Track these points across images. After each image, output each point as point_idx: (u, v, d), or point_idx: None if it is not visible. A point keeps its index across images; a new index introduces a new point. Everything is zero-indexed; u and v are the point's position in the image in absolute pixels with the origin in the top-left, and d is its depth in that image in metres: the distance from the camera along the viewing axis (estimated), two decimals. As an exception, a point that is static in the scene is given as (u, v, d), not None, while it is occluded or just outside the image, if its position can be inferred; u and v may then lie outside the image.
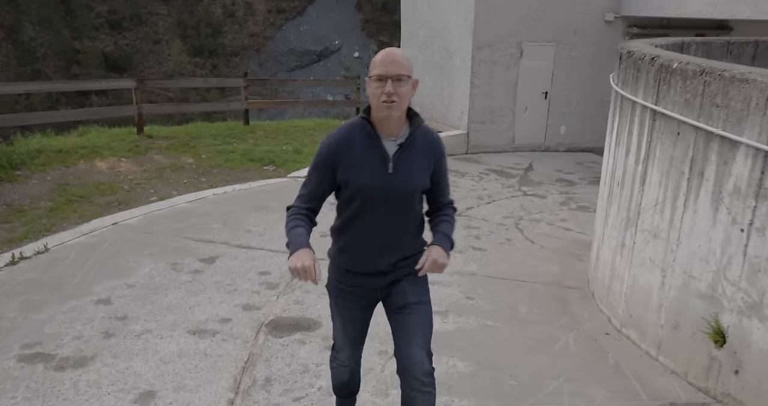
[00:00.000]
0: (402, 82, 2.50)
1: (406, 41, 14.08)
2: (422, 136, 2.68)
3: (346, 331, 2.93)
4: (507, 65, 12.00)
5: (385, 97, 2.46)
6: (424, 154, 2.67)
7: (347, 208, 2.73)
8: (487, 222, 8.30)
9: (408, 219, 2.73)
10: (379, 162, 2.58)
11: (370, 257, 2.74)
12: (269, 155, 10.85)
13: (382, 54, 2.54)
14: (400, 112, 2.54)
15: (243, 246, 6.73)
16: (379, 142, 2.60)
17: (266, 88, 36.72)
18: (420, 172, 2.66)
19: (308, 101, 16.60)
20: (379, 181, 2.58)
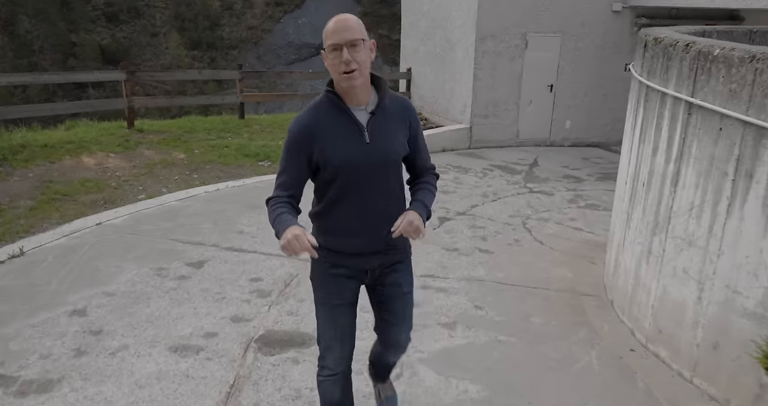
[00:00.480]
0: (357, 48, 2.34)
1: (407, 32, 13.52)
2: (391, 102, 2.57)
3: (335, 321, 2.72)
4: (511, 57, 11.46)
5: (344, 66, 2.32)
6: (397, 120, 2.56)
7: (330, 187, 2.56)
8: (493, 221, 7.79)
9: (394, 188, 2.61)
10: (354, 134, 2.46)
11: (363, 233, 2.59)
12: (264, 150, 10.32)
13: (332, 22, 2.37)
14: (363, 78, 2.40)
15: (234, 249, 6.21)
16: (349, 114, 2.47)
17: (264, 81, 36.12)
18: (397, 138, 2.55)
19: (306, 94, 16.00)
20: (359, 152, 2.45)
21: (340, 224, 2.60)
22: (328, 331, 2.72)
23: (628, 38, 12.15)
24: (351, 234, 2.58)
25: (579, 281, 5.94)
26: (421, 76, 13.02)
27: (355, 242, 2.59)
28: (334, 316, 2.71)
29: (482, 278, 5.80)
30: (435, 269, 5.97)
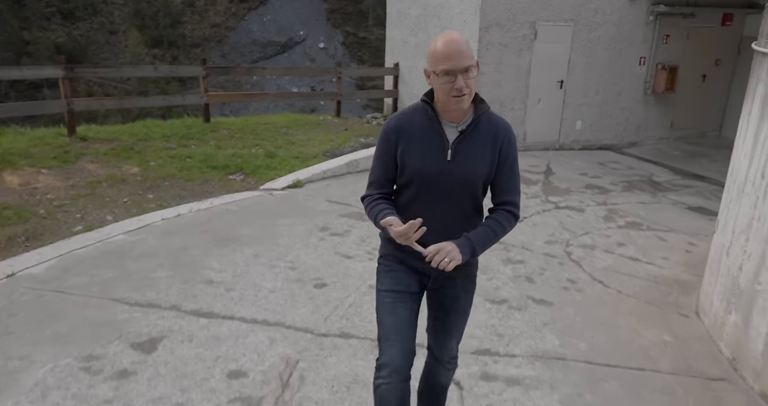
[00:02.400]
0: (470, 73, 2.26)
1: (394, 22, 11.64)
2: (487, 123, 2.41)
3: (396, 309, 2.49)
4: (519, 49, 9.67)
5: (456, 92, 2.25)
6: (488, 142, 2.40)
7: (404, 192, 2.49)
8: (530, 251, 6.00)
9: (465, 210, 2.47)
10: (437, 148, 2.38)
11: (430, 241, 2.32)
12: (235, 161, 8.33)
13: (443, 44, 2.24)
14: (469, 102, 2.33)
15: (202, 313, 4.27)
16: (439, 128, 2.38)
17: (229, 80, 33.79)
18: (481, 161, 2.39)
19: (280, 93, 13.98)
20: (436, 168, 2.37)
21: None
22: (389, 321, 2.50)
23: (642, 28, 10.49)
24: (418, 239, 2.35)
25: (688, 350, 4.19)
26: (412, 72, 11.16)
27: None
28: (396, 303, 2.50)
29: (561, 354, 3.99)
30: (489, 340, 4.13)
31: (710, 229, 7.46)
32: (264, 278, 4.97)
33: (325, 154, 9.06)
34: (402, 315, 2.49)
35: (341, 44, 40.71)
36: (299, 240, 5.89)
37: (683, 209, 7.98)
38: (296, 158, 8.74)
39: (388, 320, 2.50)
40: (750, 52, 4.40)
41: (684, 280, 5.62)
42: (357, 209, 7.01)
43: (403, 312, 2.49)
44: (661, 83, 10.84)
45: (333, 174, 8.32)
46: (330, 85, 34.72)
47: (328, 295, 4.72)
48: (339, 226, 6.40)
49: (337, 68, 11.29)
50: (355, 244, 5.93)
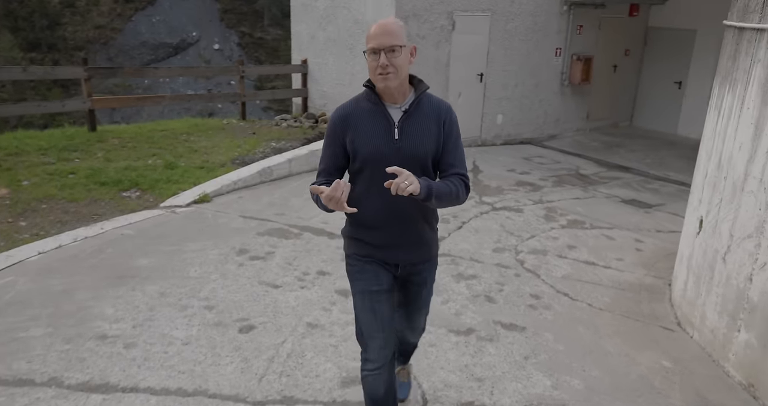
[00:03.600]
0: (396, 53, 2.30)
1: (299, 16, 10.63)
2: (428, 102, 2.46)
3: (373, 308, 2.52)
4: (437, 41, 8.96)
5: (380, 69, 2.29)
6: (431, 120, 2.43)
7: (358, 179, 2.47)
8: (480, 263, 5.26)
9: None
10: (384, 129, 2.40)
11: (388, 226, 2.48)
12: (129, 175, 7.09)
13: (374, 26, 2.33)
14: (397, 81, 2.34)
15: (93, 386, 3.18)
16: (384, 110, 2.41)
17: (118, 85, 31.32)
18: (427, 138, 2.42)
19: (177, 95, 12.57)
20: (386, 147, 2.39)
21: (367, 216, 2.48)
22: (369, 320, 2.53)
23: (557, 19, 10.08)
24: (377, 227, 2.49)
25: (693, 376, 3.56)
26: (322, 69, 10.21)
27: (382, 235, 2.50)
28: (373, 303, 2.53)
29: (560, 400, 3.24)
30: (469, 388, 3.32)
31: (650, 223, 7.11)
32: (174, 324, 3.91)
33: (233, 163, 7.96)
34: (380, 313, 2.53)
35: (237, 45, 38.87)
36: (214, 269, 4.84)
37: (618, 203, 7.55)
38: (201, 168, 7.59)
39: (369, 319, 2.54)
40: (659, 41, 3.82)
41: (648, 284, 5.07)
42: (277, 223, 6.02)
43: (380, 310, 2.53)
44: (577, 74, 10.50)
45: (245, 184, 7.26)
46: (227, 87, 32.96)
47: (259, 342, 3.74)
48: (259, 247, 5.40)
49: (240, 67, 10.12)
50: (282, 268, 4.96)
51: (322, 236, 5.78)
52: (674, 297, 4.52)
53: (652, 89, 11.67)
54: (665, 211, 7.32)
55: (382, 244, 2.51)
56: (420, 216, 2.50)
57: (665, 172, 9.05)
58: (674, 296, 4.52)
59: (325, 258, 5.25)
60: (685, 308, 4.16)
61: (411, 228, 2.51)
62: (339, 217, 6.48)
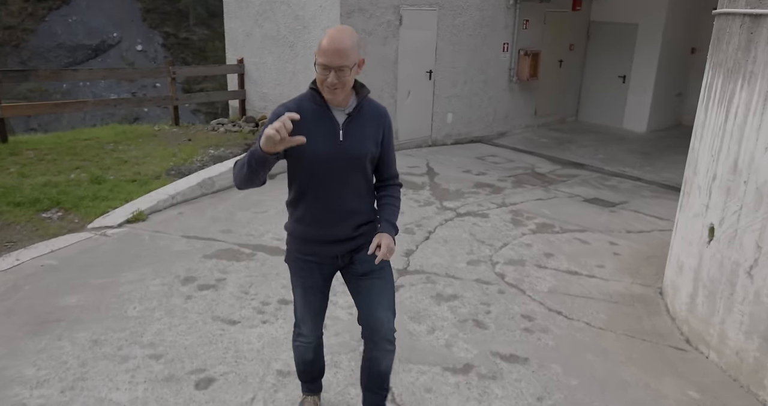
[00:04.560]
0: (344, 72, 2.32)
1: (232, 12, 9.79)
2: (369, 107, 2.53)
3: (307, 299, 2.72)
4: (384, 36, 8.38)
5: (328, 85, 2.34)
6: (372, 124, 2.52)
7: (300, 177, 2.51)
8: (458, 280, 4.73)
9: (360, 185, 2.56)
10: (329, 130, 2.45)
11: (330, 224, 2.55)
12: (49, 192, 6.17)
13: (326, 40, 2.30)
14: (343, 94, 2.40)
15: None
16: (328, 112, 2.46)
17: (33, 90, 29.17)
18: (369, 140, 2.51)
19: (101, 100, 11.44)
20: (331, 148, 2.43)
21: (308, 213, 2.55)
22: (303, 307, 2.76)
23: (504, 13, 9.70)
24: (318, 224, 2.55)
25: None
26: (260, 69, 9.43)
27: (321, 232, 2.56)
28: (307, 296, 2.71)
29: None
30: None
31: (618, 223, 6.73)
32: (114, 383, 3.16)
33: (169, 174, 7.13)
34: (313, 304, 2.73)
35: (161, 46, 36.99)
36: (157, 304, 4.09)
37: (581, 203, 7.19)
38: (133, 182, 6.73)
39: (303, 309, 2.76)
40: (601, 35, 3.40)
41: (639, 294, 4.66)
42: (226, 243, 5.30)
43: (313, 302, 2.72)
44: (525, 70, 10.16)
45: (184, 198, 6.46)
46: (152, 90, 31.30)
47: (222, 401, 3.05)
48: (208, 273, 4.67)
49: (170, 68, 9.21)
50: (237, 299, 4.26)
51: (278, 256, 5.10)
52: (675, 310, 4.11)
53: (596, 84, 11.49)
54: (629, 209, 7.02)
55: (320, 240, 2.58)
56: (358, 212, 2.58)
57: (620, 168, 8.80)
58: (675, 310, 4.11)
59: (285, 283, 4.57)
60: (695, 325, 3.75)
61: (349, 223, 2.57)
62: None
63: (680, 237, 4.18)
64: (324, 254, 2.61)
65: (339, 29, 2.35)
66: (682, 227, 4.16)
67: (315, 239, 2.57)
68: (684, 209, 4.20)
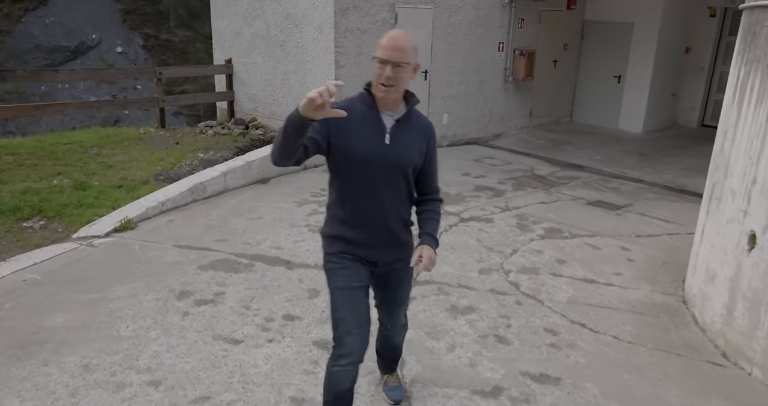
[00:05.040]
0: (401, 69, 2.35)
1: (220, 11, 9.43)
2: (416, 118, 2.56)
3: (354, 305, 2.51)
4: (379, 36, 8.07)
5: (384, 80, 2.35)
6: (418, 134, 2.53)
7: (341, 176, 2.49)
8: (472, 290, 4.46)
9: (402, 192, 2.54)
10: (376, 132, 2.44)
11: (370, 226, 2.52)
12: (30, 200, 5.79)
13: (387, 37, 2.38)
14: (396, 94, 2.42)
15: None
16: (378, 115, 2.47)
17: (10, 92, 28.41)
18: (414, 149, 2.51)
19: (84, 102, 10.92)
20: (376, 149, 2.42)
21: (350, 215, 2.52)
22: (349, 317, 2.52)
23: (499, 12, 9.46)
24: (359, 226, 2.52)
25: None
26: (249, 69, 9.08)
27: (362, 234, 2.53)
28: (354, 299, 2.53)
29: None
30: None
31: (626, 227, 6.45)
32: (108, 416, 2.83)
33: (157, 179, 6.77)
34: (358, 310, 2.53)
35: (142, 48, 36.18)
36: (152, 322, 3.76)
37: (585, 206, 6.96)
38: (119, 188, 6.37)
39: (349, 316, 2.53)
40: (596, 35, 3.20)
41: (662, 304, 4.42)
42: (221, 253, 4.97)
43: (359, 307, 2.53)
44: (521, 70, 9.92)
45: (174, 205, 6.11)
46: (133, 92, 30.65)
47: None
48: (205, 286, 4.35)
49: (156, 68, 8.82)
50: (238, 315, 3.94)
51: (278, 266, 4.79)
52: (706, 322, 3.87)
53: (591, 84, 11.30)
54: (635, 212, 6.80)
55: (363, 242, 2.55)
56: (398, 218, 2.56)
57: (620, 170, 8.60)
58: (706, 321, 3.87)
59: (289, 296, 4.26)
60: (733, 338, 3.50)
61: (389, 228, 2.55)
62: (291, 241, 5.52)
63: (709, 244, 3.93)
64: (363, 256, 2.58)
65: (400, 30, 2.43)
66: (712, 233, 3.92)
67: (355, 241, 2.55)
68: (713, 215, 3.96)
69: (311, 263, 4.91)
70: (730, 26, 10.84)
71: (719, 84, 11.24)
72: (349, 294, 2.54)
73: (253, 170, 7.06)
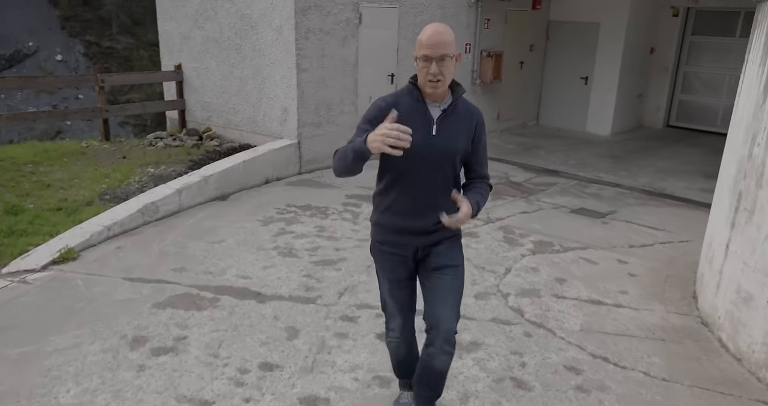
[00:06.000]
0: (446, 62, 2.35)
1: (167, 12, 8.65)
2: (463, 106, 2.56)
3: (394, 294, 2.72)
4: (343, 36, 7.49)
5: (431, 76, 2.37)
6: (465, 122, 2.55)
7: (390, 168, 2.52)
8: (472, 321, 3.97)
9: (447, 180, 2.56)
10: (424, 124, 2.47)
11: (414, 216, 2.56)
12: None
13: (427, 33, 2.37)
14: (444, 87, 2.44)
15: None
16: (424, 107, 2.49)
17: (-60, 104, 26.49)
18: (461, 137, 2.53)
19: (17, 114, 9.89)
20: (424, 141, 2.41)
21: (394, 203, 2.57)
22: (389, 301, 2.75)
23: (466, 11, 9.00)
24: (402, 214, 2.57)
25: None
26: (202, 75, 8.35)
27: (406, 222, 2.57)
28: (392, 289, 2.71)
29: None
30: None
31: (617, 237, 5.90)
32: None
33: (103, 199, 5.99)
34: (399, 297, 2.72)
35: (83, 55, 34.47)
36: (100, 383, 3.07)
37: (569, 214, 6.53)
38: (58, 211, 5.58)
39: (389, 303, 2.75)
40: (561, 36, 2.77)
41: (681, 327, 3.96)
42: (180, 285, 4.28)
43: (400, 295, 2.71)
44: (488, 72, 9.49)
45: (123, 229, 5.36)
46: (75, 102, 29.12)
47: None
48: (162, 329, 3.66)
49: (98, 76, 7.97)
50: (206, 365, 3.28)
51: (248, 300, 4.14)
52: (741, 350, 3.42)
53: (557, 86, 10.96)
54: (620, 219, 6.41)
55: (400, 230, 2.59)
56: (440, 206, 2.48)
57: (596, 175, 8.23)
58: (740, 349, 3.42)
59: (264, 338, 3.62)
60: (783, 372, 3.05)
61: (431, 216, 2.51)
62: (260, 267, 4.86)
63: (740, 262, 3.49)
64: (405, 244, 2.61)
65: (437, 24, 2.40)
66: (743, 250, 3.48)
67: (398, 229, 2.59)
68: (742, 229, 3.52)
69: (285, 293, 4.27)
70: (693, 26, 10.69)
71: (683, 84, 11.08)
72: (388, 284, 2.71)
73: (211, 186, 6.36)
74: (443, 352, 2.59)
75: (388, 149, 2.10)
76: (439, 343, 2.57)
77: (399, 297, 2.71)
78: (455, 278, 2.63)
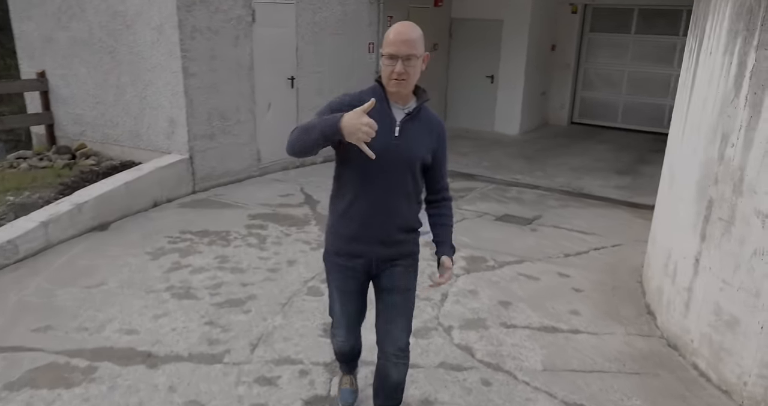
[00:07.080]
0: (412, 62, 2.28)
1: (23, 10, 7.33)
2: (426, 115, 2.47)
3: (344, 304, 2.65)
4: (235, 36, 6.60)
5: (396, 75, 2.29)
6: (428, 130, 2.45)
7: (348, 168, 2.41)
8: (419, 369, 3.29)
9: (408, 188, 2.44)
10: (386, 125, 2.33)
11: (373, 223, 2.42)
12: None
13: (393, 31, 2.28)
14: (408, 88, 2.36)
15: None
16: (387, 108, 2.38)
17: None
18: (423, 144, 2.43)
19: None
20: (384, 142, 2.29)
21: (351, 206, 2.43)
22: (337, 309, 2.70)
23: (367, 8, 8.36)
24: (359, 219, 2.43)
25: None
26: (71, 84, 7.13)
27: (360, 228, 2.44)
28: (342, 301, 2.64)
29: None
30: None
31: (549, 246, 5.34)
32: None
33: (-57, 239, 4.77)
34: (349, 312, 2.66)
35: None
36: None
37: (494, 222, 6.05)
38: None
39: (336, 311, 2.69)
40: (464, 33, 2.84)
41: (648, 352, 3.49)
42: (45, 352, 3.31)
43: (350, 309, 2.65)
44: (394, 73, 8.90)
45: (-30, 277, 4.25)
46: None
47: None
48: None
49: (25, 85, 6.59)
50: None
51: (136, 365, 3.24)
52: (728, 380, 2.97)
53: (463, 85, 10.57)
54: (548, 225, 6.02)
55: (356, 237, 2.46)
56: (399, 215, 2.44)
57: (512, 176, 7.87)
58: (727, 380, 2.98)
59: (159, 421, 2.75)
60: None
61: (391, 224, 2.44)
62: (149, 317, 3.87)
63: (719, 280, 3.04)
64: (360, 255, 2.48)
65: (405, 22, 2.32)
66: (721, 266, 3.03)
67: (354, 236, 2.46)
68: (716, 241, 3.07)
69: (182, 351, 3.41)
70: (591, 23, 10.65)
71: (584, 81, 11.05)
72: (339, 297, 2.62)
73: (86, 215, 5.29)
74: (398, 364, 2.58)
75: (364, 146, 2.05)
76: (393, 358, 2.57)
77: (349, 311, 2.67)
78: (407, 300, 2.57)
